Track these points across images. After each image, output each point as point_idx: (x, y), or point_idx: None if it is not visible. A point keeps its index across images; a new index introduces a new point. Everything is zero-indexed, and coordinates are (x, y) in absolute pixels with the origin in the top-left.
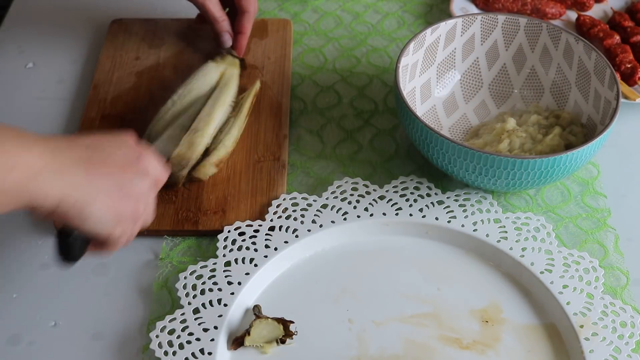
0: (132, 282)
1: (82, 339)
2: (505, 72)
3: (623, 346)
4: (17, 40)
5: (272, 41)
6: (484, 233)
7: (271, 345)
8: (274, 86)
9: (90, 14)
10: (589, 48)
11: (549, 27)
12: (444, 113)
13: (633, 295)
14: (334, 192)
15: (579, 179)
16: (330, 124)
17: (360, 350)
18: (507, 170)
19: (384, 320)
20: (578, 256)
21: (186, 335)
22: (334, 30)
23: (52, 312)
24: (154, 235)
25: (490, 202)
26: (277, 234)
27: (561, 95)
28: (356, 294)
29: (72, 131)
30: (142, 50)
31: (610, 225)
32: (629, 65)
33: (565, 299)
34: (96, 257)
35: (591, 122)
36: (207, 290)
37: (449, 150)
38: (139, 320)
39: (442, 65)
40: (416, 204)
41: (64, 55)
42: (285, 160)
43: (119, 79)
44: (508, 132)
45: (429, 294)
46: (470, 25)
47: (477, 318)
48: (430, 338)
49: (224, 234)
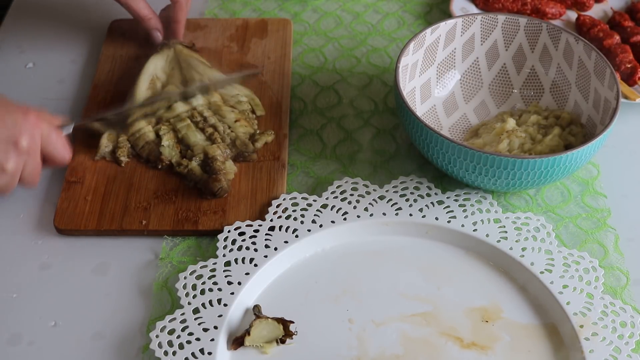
0: (132, 282)
1: (82, 339)
2: (505, 72)
3: (623, 346)
4: (17, 40)
5: (272, 41)
6: (484, 233)
7: (271, 345)
8: (274, 86)
9: (90, 14)
10: (589, 48)
11: (549, 27)
12: (444, 113)
13: (633, 295)
14: (334, 192)
15: (579, 179)
16: (330, 124)
17: (360, 350)
18: (507, 170)
19: (384, 320)
20: (578, 256)
21: (186, 335)
22: (334, 30)
23: (52, 312)
24: (154, 235)
25: (490, 202)
26: (277, 234)
27: (561, 95)
28: (356, 294)
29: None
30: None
31: (610, 225)
32: (629, 65)
33: (565, 299)
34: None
35: (591, 122)
36: (207, 290)
37: (448, 150)
38: (139, 320)
39: (442, 65)
40: (416, 204)
41: (64, 55)
42: (285, 160)
43: (119, 79)
44: (508, 132)
45: (429, 293)
46: (470, 25)
47: (477, 318)
48: (430, 338)
49: (224, 234)
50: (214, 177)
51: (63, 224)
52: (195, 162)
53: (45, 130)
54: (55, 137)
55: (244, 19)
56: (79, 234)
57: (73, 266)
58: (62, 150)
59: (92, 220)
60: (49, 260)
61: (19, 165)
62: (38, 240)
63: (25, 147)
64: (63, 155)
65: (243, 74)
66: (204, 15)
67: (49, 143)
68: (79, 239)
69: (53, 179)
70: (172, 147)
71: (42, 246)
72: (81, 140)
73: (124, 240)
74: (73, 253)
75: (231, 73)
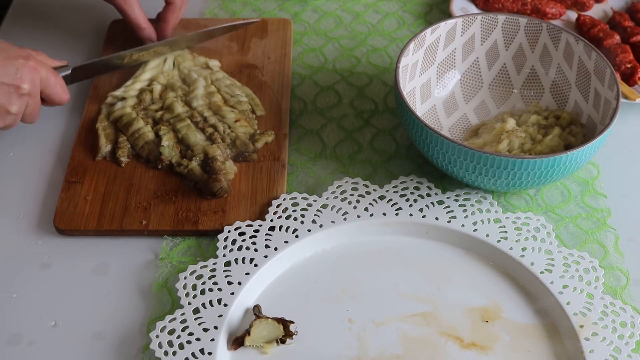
0: (132, 282)
1: (82, 339)
2: (505, 72)
3: (623, 346)
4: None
5: (272, 41)
6: (484, 233)
7: (271, 345)
8: (274, 86)
9: (90, 14)
10: (589, 48)
11: (549, 27)
12: (444, 113)
13: (633, 295)
14: (334, 192)
15: (579, 179)
16: (330, 124)
17: (360, 351)
18: (507, 170)
19: (384, 320)
20: (578, 256)
21: (186, 335)
22: (334, 30)
23: (52, 312)
24: (154, 235)
25: (490, 202)
26: (277, 234)
27: (561, 95)
28: (356, 294)
29: (72, 131)
30: None
31: (610, 225)
32: (629, 65)
33: (565, 299)
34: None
35: (591, 122)
36: (207, 290)
37: (448, 150)
38: (139, 320)
39: (442, 65)
40: (416, 204)
41: (64, 55)
42: (285, 160)
43: (119, 79)
44: (508, 132)
45: (429, 293)
46: (470, 25)
47: (477, 318)
48: (430, 338)
49: (224, 234)
50: (214, 177)
51: (63, 224)
52: (195, 162)
53: (44, 74)
54: (54, 80)
55: (244, 19)
56: (79, 234)
57: (73, 266)
58: (60, 92)
59: (92, 220)
60: (49, 260)
61: (21, 107)
62: (38, 240)
63: (27, 91)
64: (61, 96)
65: (236, 23)
66: (204, 15)
67: (47, 85)
68: (79, 239)
69: (53, 179)
70: (172, 147)
71: (42, 246)
72: (81, 141)
73: (124, 240)
74: (73, 253)
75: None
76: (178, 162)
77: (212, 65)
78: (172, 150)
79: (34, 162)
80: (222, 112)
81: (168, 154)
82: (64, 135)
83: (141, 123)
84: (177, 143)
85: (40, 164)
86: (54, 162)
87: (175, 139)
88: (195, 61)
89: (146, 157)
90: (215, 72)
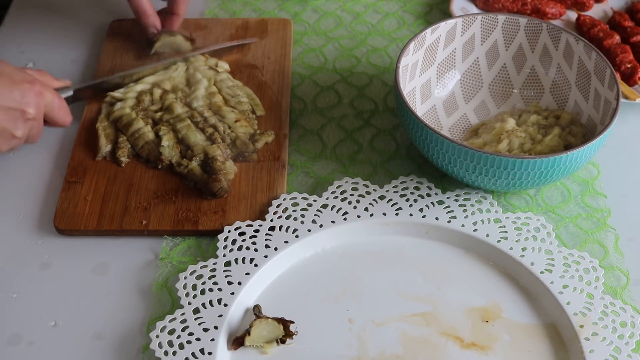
0: (132, 282)
1: (82, 339)
2: (505, 72)
3: (623, 346)
4: (17, 40)
5: (272, 41)
6: (484, 233)
7: (271, 345)
8: (274, 86)
9: (90, 14)
10: (589, 48)
11: (549, 27)
12: (444, 113)
13: (633, 295)
14: (334, 192)
15: (579, 179)
16: (330, 124)
17: (360, 350)
18: (507, 170)
19: (384, 320)
20: (578, 256)
21: (186, 335)
22: (334, 30)
23: (52, 312)
24: (154, 235)
25: (490, 202)
26: (277, 234)
27: (561, 95)
28: (356, 294)
29: (72, 131)
30: (142, 50)
31: (610, 225)
32: (629, 65)
33: (565, 299)
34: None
35: (591, 122)
36: (207, 290)
37: (448, 150)
38: (139, 320)
39: (442, 65)
40: (416, 204)
41: (64, 55)
42: (285, 160)
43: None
44: (507, 132)
45: (429, 293)
46: (470, 25)
47: (477, 318)
48: (430, 338)
49: (224, 234)
50: (214, 177)
51: (63, 224)
52: (195, 162)
53: (49, 98)
54: (57, 103)
55: (244, 19)
56: (79, 234)
57: (73, 266)
58: (63, 115)
59: (92, 220)
60: (49, 260)
61: (25, 131)
62: (38, 240)
63: (32, 116)
64: (64, 119)
65: (238, 43)
66: (204, 15)
67: (52, 109)
68: (79, 239)
69: (53, 179)
70: (172, 147)
71: (42, 246)
72: (81, 141)
73: (124, 240)
74: (73, 253)
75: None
76: (178, 162)
77: (221, 67)
78: (172, 150)
79: (34, 162)
80: (222, 112)
81: (168, 154)
82: (64, 135)
83: (141, 123)
84: (177, 143)
85: (40, 163)
86: (54, 162)
87: (175, 139)
88: (208, 62)
89: (146, 157)
90: (220, 73)
